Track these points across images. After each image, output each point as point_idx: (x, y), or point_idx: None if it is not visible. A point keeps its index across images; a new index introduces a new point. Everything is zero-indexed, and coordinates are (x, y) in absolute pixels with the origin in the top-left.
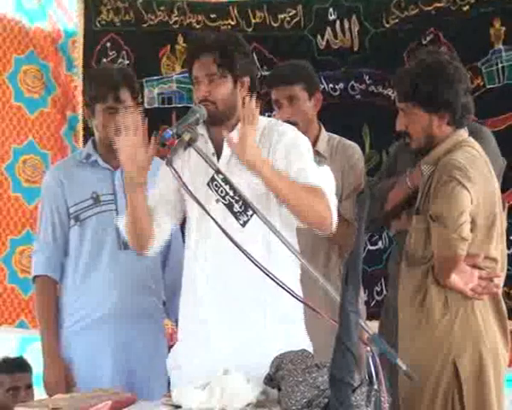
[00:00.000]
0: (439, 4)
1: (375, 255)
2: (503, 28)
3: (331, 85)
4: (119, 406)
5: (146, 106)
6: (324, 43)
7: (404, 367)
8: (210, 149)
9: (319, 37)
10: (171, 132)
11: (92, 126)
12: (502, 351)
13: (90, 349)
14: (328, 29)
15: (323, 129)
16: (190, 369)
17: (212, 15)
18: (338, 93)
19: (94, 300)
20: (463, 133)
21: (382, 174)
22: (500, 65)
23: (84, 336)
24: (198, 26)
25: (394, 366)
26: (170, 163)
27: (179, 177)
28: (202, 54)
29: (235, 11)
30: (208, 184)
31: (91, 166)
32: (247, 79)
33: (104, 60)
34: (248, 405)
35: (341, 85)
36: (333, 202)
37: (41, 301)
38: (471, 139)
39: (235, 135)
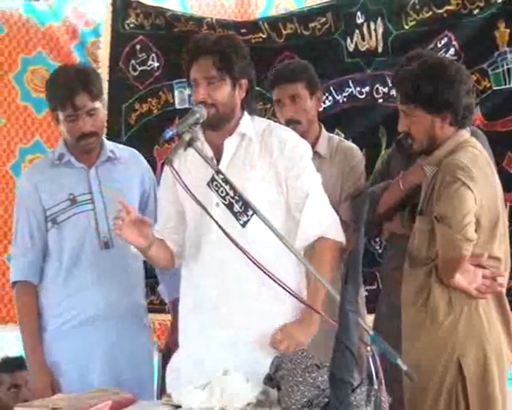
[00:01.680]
0: (449, 7)
1: None
2: (508, 30)
3: (358, 89)
4: (119, 406)
5: (177, 106)
6: (353, 45)
7: (404, 367)
8: (208, 152)
9: (348, 40)
10: (171, 132)
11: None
12: (506, 350)
13: (76, 351)
14: (357, 31)
15: (324, 129)
16: (190, 370)
17: (243, 30)
18: (364, 96)
19: (79, 301)
20: (465, 133)
21: (375, 178)
22: (506, 67)
23: (71, 337)
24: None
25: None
26: (170, 163)
27: (179, 177)
28: (201, 56)
29: (266, 26)
30: (208, 185)
31: (65, 166)
32: (245, 82)
33: (133, 61)
34: (248, 405)
35: (367, 89)
36: (333, 227)
37: (23, 306)
38: (473, 139)
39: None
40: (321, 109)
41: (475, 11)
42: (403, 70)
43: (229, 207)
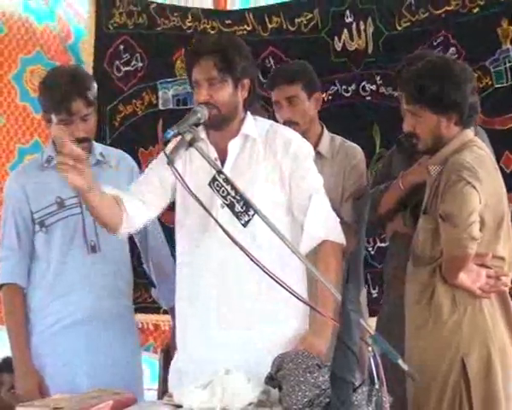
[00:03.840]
0: (448, 8)
1: (384, 253)
2: (511, 28)
3: (344, 87)
4: (120, 405)
5: (161, 107)
6: (341, 44)
7: (405, 367)
8: (212, 153)
9: (336, 39)
10: (172, 132)
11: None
12: (509, 349)
13: (64, 354)
14: (345, 31)
15: (326, 130)
16: (191, 370)
17: (228, 21)
18: (350, 94)
19: (66, 304)
20: (470, 133)
21: (377, 178)
22: (508, 64)
23: (58, 340)
24: (213, 32)
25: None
26: (171, 163)
27: (181, 177)
28: (202, 58)
29: (251, 17)
30: (210, 185)
31: (54, 169)
32: (247, 82)
33: (117, 62)
34: (250, 404)
35: (353, 87)
36: (335, 230)
37: (10, 310)
38: (478, 139)
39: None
40: None
41: (475, 10)
42: (407, 70)
43: (231, 207)
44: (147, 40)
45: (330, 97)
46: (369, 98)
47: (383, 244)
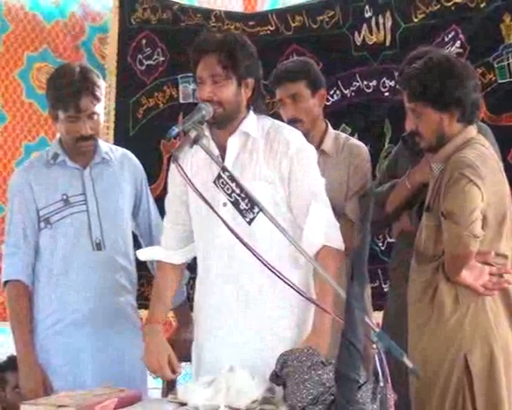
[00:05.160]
0: (457, 0)
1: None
2: None
3: (365, 83)
4: (125, 403)
5: (181, 101)
6: (361, 39)
7: (410, 365)
8: (214, 151)
9: (356, 33)
10: (177, 130)
11: None
12: None
13: (68, 351)
14: (365, 25)
15: (330, 127)
16: (195, 367)
17: (251, 23)
18: (371, 90)
19: (70, 301)
20: (472, 130)
21: (383, 176)
22: (511, 60)
23: (62, 337)
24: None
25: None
26: (176, 160)
27: (185, 174)
28: (207, 54)
29: (274, 17)
30: (215, 182)
31: (59, 166)
32: (251, 81)
33: (140, 56)
34: (254, 402)
35: (374, 83)
36: (335, 235)
37: (15, 307)
38: (480, 136)
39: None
40: (328, 104)
41: (482, 4)
42: (409, 68)
43: (236, 204)
44: (169, 35)
45: (353, 94)
46: (386, 94)
47: (393, 239)
